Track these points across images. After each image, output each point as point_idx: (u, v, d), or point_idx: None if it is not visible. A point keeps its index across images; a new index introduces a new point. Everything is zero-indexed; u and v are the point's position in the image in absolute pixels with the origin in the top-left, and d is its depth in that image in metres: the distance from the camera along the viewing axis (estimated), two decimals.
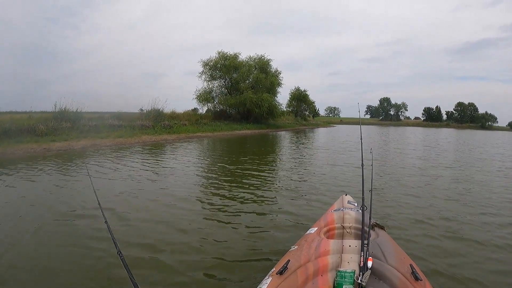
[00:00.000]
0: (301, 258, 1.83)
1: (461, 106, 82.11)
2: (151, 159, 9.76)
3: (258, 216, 4.38)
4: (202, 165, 9.05)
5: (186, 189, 5.86)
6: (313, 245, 1.98)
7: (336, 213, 2.59)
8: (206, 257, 3.01)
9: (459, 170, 8.99)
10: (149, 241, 3.33)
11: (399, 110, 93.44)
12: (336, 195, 4.13)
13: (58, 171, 7.43)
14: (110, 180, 6.48)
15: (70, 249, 3.15)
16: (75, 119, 16.15)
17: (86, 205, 4.62)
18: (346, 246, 1.93)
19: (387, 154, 12.96)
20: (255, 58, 31.87)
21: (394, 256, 1.79)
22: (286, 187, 6.14)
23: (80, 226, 3.77)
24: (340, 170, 8.20)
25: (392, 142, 20.65)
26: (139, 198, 5.13)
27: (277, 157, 11.56)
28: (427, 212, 4.56)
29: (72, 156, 10.07)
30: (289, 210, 4.56)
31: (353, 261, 1.76)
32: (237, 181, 6.71)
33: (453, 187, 6.50)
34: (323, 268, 1.74)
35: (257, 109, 28.47)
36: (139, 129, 17.03)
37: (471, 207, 4.99)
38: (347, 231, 2.37)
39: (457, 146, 19.06)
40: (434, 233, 3.73)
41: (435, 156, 12.48)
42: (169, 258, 2.96)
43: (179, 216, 4.24)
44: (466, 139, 26.59)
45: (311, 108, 56.27)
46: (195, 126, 21.82)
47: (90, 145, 12.01)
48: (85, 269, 2.76)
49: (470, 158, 12.28)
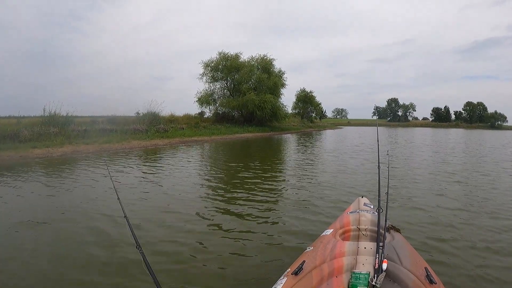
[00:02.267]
0: (316, 259, 1.85)
1: (470, 105, 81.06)
2: (118, 171, 8.41)
3: (269, 219, 4.25)
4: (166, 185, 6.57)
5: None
6: (329, 247, 2.00)
7: (352, 215, 2.60)
8: (220, 256, 3.05)
9: (481, 174, 7.68)
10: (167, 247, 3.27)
11: (407, 111, 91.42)
12: (350, 199, 4.16)
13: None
14: (44, 197, 5.37)
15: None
16: (64, 124, 15.32)
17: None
18: (362, 248, 1.89)
19: (402, 155, 12.09)
20: (258, 58, 30.61)
21: (409, 259, 1.78)
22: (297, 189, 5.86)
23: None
24: (353, 173, 7.68)
25: (405, 143, 19.16)
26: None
27: (281, 162, 10.28)
28: (444, 216, 4.38)
29: (38, 164, 8.97)
30: (300, 215, 4.38)
31: (368, 263, 1.72)
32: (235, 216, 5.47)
33: (482, 190, 6.05)
34: (338, 269, 1.73)
35: (260, 111, 27.15)
36: (131, 134, 16.00)
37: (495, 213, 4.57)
38: (362, 233, 2.35)
39: (472, 147, 17.42)
40: (447, 235, 3.62)
41: (452, 158, 11.04)
42: (185, 259, 2.98)
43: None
44: (481, 140, 24.76)
45: (317, 109, 54.78)
46: (194, 129, 20.72)
47: (71, 152, 10.97)
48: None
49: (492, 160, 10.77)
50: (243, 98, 27.40)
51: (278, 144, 19.22)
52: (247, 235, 3.63)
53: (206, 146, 15.83)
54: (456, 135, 34.12)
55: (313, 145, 17.61)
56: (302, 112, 50.30)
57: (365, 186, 6.14)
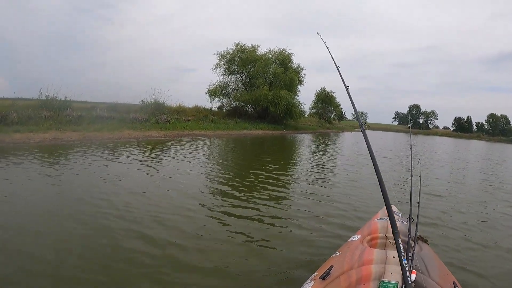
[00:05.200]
0: (344, 265, 1.83)
1: (493, 117, 77.16)
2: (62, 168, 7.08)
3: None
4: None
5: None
6: (357, 253, 1.97)
7: (380, 222, 2.58)
8: (244, 259, 2.96)
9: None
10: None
11: (428, 118, 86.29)
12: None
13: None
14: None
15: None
16: (59, 108, 14.34)
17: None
18: (390, 257, 1.82)
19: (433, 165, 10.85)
20: (276, 52, 28.75)
21: (437, 271, 1.76)
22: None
23: None
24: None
25: (432, 153, 16.84)
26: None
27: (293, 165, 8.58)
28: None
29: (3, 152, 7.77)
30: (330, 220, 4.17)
31: (397, 272, 1.65)
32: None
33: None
34: (366, 277, 1.67)
35: (273, 108, 25.37)
36: (129, 123, 14.80)
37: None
38: (390, 242, 2.29)
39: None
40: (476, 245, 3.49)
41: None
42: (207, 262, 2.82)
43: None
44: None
45: (337, 110, 52.13)
46: (200, 122, 19.33)
47: (50, 139, 9.80)
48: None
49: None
50: (255, 92, 25.71)
51: (289, 146, 17.42)
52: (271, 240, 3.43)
53: (202, 142, 14.17)
54: (485, 149, 30.83)
55: (329, 150, 15.69)
56: (320, 112, 48.06)
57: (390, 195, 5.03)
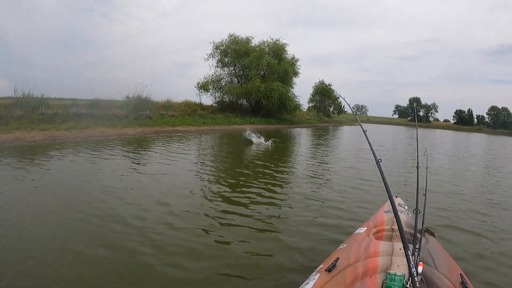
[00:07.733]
0: (350, 257, 1.82)
1: (495, 110, 75.64)
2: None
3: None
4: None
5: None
6: (363, 245, 1.96)
7: (386, 214, 2.57)
8: (250, 252, 3.04)
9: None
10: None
11: (429, 111, 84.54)
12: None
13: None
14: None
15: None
16: (34, 106, 13.58)
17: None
18: (397, 249, 1.81)
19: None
20: (269, 43, 27.61)
21: (444, 264, 1.75)
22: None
23: None
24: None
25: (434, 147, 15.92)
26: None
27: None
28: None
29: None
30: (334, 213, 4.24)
31: (403, 265, 1.63)
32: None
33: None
34: (372, 269, 1.66)
35: (266, 101, 24.39)
36: (107, 120, 14.01)
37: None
38: (396, 234, 2.27)
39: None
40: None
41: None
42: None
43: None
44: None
45: (335, 104, 50.90)
46: (187, 117, 18.49)
47: (11, 140, 9.01)
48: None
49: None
50: (247, 85, 24.71)
51: (284, 137, 16.56)
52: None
53: (175, 140, 13.45)
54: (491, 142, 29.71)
55: (328, 143, 14.83)
56: (318, 106, 46.96)
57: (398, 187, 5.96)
